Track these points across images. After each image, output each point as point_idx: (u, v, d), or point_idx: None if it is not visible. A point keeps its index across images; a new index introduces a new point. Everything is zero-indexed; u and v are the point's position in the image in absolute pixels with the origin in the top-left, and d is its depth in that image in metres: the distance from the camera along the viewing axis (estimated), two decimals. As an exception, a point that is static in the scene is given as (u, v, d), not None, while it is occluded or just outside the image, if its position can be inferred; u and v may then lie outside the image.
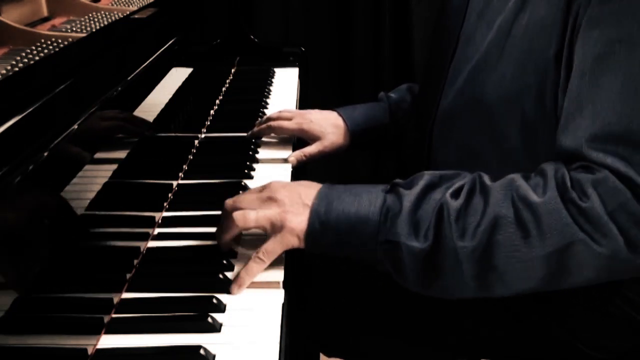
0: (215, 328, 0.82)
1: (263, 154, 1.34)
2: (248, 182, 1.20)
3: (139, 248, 0.97)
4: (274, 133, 1.39)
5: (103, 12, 1.25)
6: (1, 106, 0.70)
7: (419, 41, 2.43)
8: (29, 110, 0.72)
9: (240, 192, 1.14)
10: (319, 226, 0.93)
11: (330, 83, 2.55)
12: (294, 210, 0.94)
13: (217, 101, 1.60)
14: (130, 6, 1.36)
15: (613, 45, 0.90)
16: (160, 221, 1.07)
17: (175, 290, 0.89)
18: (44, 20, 1.20)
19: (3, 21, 1.01)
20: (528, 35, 1.00)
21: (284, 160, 1.31)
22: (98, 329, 0.82)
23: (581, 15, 0.93)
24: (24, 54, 0.92)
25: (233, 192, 1.12)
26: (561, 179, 0.89)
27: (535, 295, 1.01)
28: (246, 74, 1.83)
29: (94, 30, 1.13)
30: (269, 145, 1.38)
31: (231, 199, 0.99)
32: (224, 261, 0.95)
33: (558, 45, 0.97)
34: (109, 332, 0.82)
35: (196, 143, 1.36)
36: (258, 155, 1.33)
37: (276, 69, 1.87)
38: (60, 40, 1.01)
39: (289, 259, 0.97)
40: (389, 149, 1.49)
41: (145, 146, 1.13)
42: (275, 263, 0.94)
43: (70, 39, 1.02)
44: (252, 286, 0.91)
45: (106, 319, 0.84)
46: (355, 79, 2.54)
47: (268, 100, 1.64)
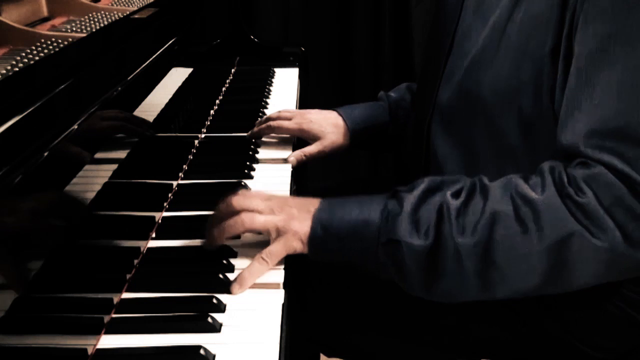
0: (215, 328, 0.82)
1: (263, 154, 1.34)
2: (248, 182, 1.20)
3: (139, 248, 0.97)
4: (274, 133, 1.39)
5: (103, 12, 1.25)
6: (1, 106, 0.70)
7: (419, 41, 2.43)
8: (29, 110, 0.72)
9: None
10: (321, 231, 0.94)
11: (330, 83, 2.54)
12: (299, 217, 0.95)
13: (217, 101, 1.60)
14: (130, 6, 1.36)
15: (609, 41, 0.90)
16: (160, 221, 1.07)
17: (175, 290, 0.89)
18: (44, 20, 1.19)
19: (3, 21, 1.01)
20: (523, 32, 1.00)
21: (284, 160, 1.31)
22: (98, 329, 0.82)
23: (578, 11, 0.93)
24: (24, 54, 0.92)
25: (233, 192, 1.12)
26: (558, 176, 0.89)
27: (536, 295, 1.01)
28: (246, 74, 1.83)
29: (94, 30, 1.13)
30: (269, 145, 1.38)
31: (240, 198, 0.98)
32: (224, 261, 0.95)
33: (554, 41, 0.97)
34: (109, 332, 0.82)
35: (196, 143, 1.36)
36: (258, 155, 1.33)
37: (276, 69, 1.87)
38: (60, 40, 1.01)
39: (289, 259, 0.97)
40: (389, 149, 1.49)
41: (145, 146, 1.13)
42: (276, 264, 0.94)
43: (70, 39, 1.02)
44: (252, 287, 0.91)
45: (106, 319, 0.84)
46: (355, 79, 2.54)
47: (268, 100, 1.64)
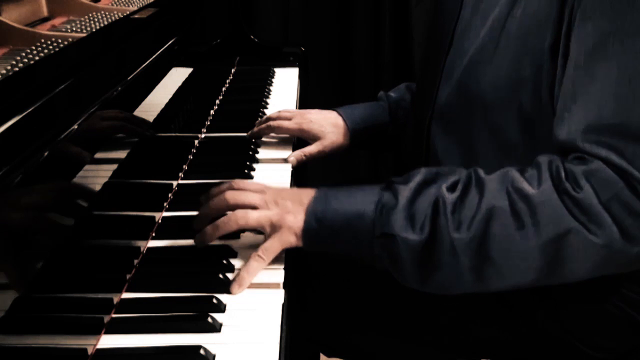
0: (215, 328, 0.82)
1: (263, 154, 1.34)
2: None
3: (139, 248, 0.97)
4: (274, 133, 1.39)
5: (103, 12, 1.25)
6: (1, 106, 0.70)
7: (419, 41, 2.43)
8: (29, 110, 0.72)
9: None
10: (316, 224, 0.94)
11: (330, 83, 2.54)
12: (293, 211, 0.95)
13: (217, 101, 1.60)
14: (130, 6, 1.36)
15: (607, 37, 0.90)
16: (160, 221, 1.07)
17: (175, 290, 0.89)
18: (44, 20, 1.19)
19: (3, 21, 1.01)
20: (523, 29, 1.00)
21: (284, 160, 1.31)
22: (98, 329, 0.82)
23: (576, 7, 0.93)
24: (24, 54, 0.92)
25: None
26: (555, 170, 0.89)
27: (536, 294, 1.01)
28: (246, 74, 1.83)
29: (94, 30, 1.13)
30: (269, 145, 1.38)
31: (235, 193, 0.98)
32: (224, 261, 0.95)
33: (553, 37, 0.97)
34: (109, 332, 0.82)
35: (196, 143, 1.36)
36: (258, 155, 1.33)
37: (276, 69, 1.87)
38: (60, 40, 1.01)
39: (289, 259, 0.97)
40: (388, 148, 1.49)
41: (145, 146, 1.13)
42: (275, 264, 0.95)
43: (70, 39, 1.02)
44: (252, 287, 0.91)
45: (106, 319, 0.84)
46: (355, 79, 2.54)
47: (268, 100, 1.64)
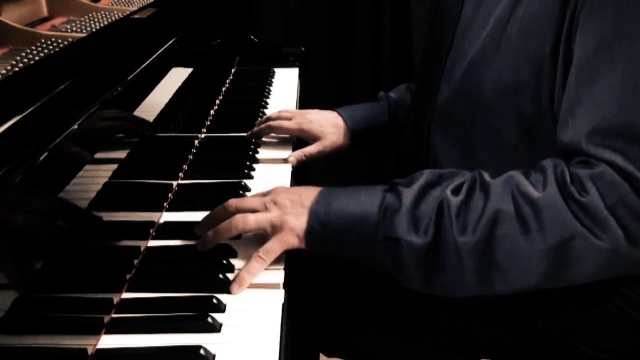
0: (215, 328, 0.82)
1: (263, 154, 1.34)
2: (248, 182, 1.20)
3: (139, 248, 0.97)
4: (274, 133, 1.39)
5: (103, 12, 1.25)
6: (1, 106, 0.70)
7: (419, 41, 2.43)
8: (29, 110, 0.72)
9: (240, 192, 1.15)
10: (319, 226, 0.94)
11: (330, 83, 2.55)
12: (294, 212, 0.95)
13: (217, 101, 1.60)
14: (130, 6, 1.36)
15: (611, 40, 0.90)
16: (160, 221, 1.07)
17: (175, 290, 0.89)
18: (44, 20, 1.19)
19: (3, 21, 1.01)
20: (524, 31, 1.00)
21: (284, 160, 1.31)
22: (98, 329, 0.82)
23: (579, 10, 0.93)
24: (24, 54, 0.92)
25: (233, 192, 1.12)
26: (560, 174, 0.89)
27: (536, 295, 1.01)
28: (246, 74, 1.83)
29: (94, 30, 1.13)
30: (269, 145, 1.38)
31: (234, 200, 0.99)
32: (224, 261, 0.95)
33: (554, 40, 0.97)
34: (109, 332, 0.82)
35: (196, 143, 1.36)
36: (258, 155, 1.33)
37: (276, 69, 1.87)
38: (60, 40, 1.01)
39: (289, 259, 0.97)
40: (388, 149, 1.49)
41: (145, 146, 1.13)
42: (275, 264, 0.94)
43: (70, 39, 1.02)
44: (252, 287, 0.91)
45: (106, 319, 0.84)
46: (355, 79, 2.54)
47: (268, 100, 1.64)
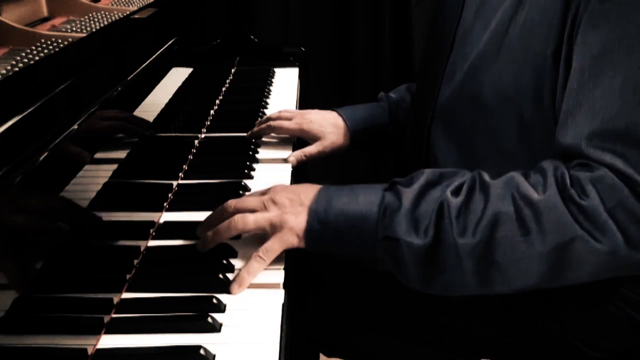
0: (215, 328, 0.82)
1: (263, 154, 1.34)
2: (248, 182, 1.20)
3: (139, 248, 0.97)
4: (274, 133, 1.39)
5: (103, 12, 1.25)
6: (1, 106, 0.70)
7: (419, 41, 2.43)
8: (29, 110, 0.72)
9: (240, 192, 1.15)
10: (318, 225, 0.93)
11: (330, 83, 2.54)
12: (293, 211, 0.95)
13: (217, 101, 1.60)
14: (130, 6, 1.36)
15: (613, 44, 0.90)
16: (160, 221, 1.07)
17: (175, 290, 0.89)
18: (44, 20, 1.19)
19: (3, 21, 1.01)
20: (525, 34, 1.00)
21: (284, 160, 1.31)
22: (98, 329, 0.82)
23: (580, 14, 0.93)
24: (24, 54, 0.92)
25: (233, 192, 1.12)
26: (560, 177, 0.89)
27: (536, 294, 1.01)
28: (246, 74, 1.83)
29: (94, 30, 1.13)
30: (269, 145, 1.38)
31: (233, 200, 0.99)
32: (224, 261, 0.95)
33: (556, 43, 0.97)
34: (109, 332, 0.82)
35: (196, 143, 1.36)
36: (258, 155, 1.33)
37: (276, 69, 1.87)
38: (60, 40, 1.01)
39: (289, 259, 0.97)
40: (388, 149, 1.49)
41: (145, 146, 1.13)
42: (275, 264, 0.94)
43: (70, 39, 1.02)
44: (252, 287, 0.91)
45: (106, 319, 0.84)
46: (355, 79, 2.54)
47: (268, 100, 1.64)
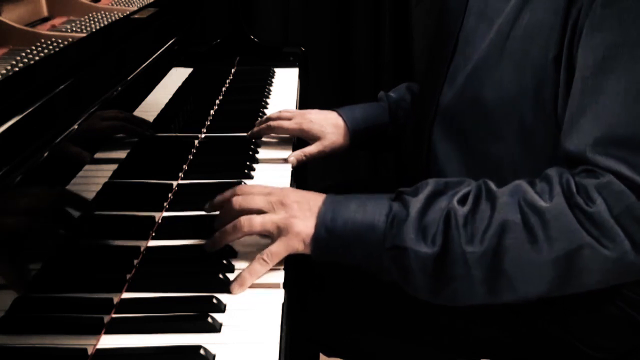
0: (215, 328, 0.82)
1: (263, 154, 1.34)
2: (248, 182, 1.20)
3: (139, 248, 0.97)
4: (274, 133, 1.39)
5: (103, 12, 1.25)
6: (1, 106, 0.70)
7: (419, 41, 2.43)
8: (29, 110, 0.72)
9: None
10: (325, 233, 0.93)
11: (330, 83, 2.54)
12: (301, 216, 0.94)
13: (217, 101, 1.60)
14: (130, 6, 1.36)
15: (616, 49, 0.90)
16: (160, 221, 1.07)
17: (175, 290, 0.89)
18: (44, 20, 1.19)
19: (3, 21, 1.01)
20: (527, 37, 1.00)
21: (284, 160, 1.31)
22: (98, 329, 0.82)
23: (582, 19, 0.93)
24: (24, 54, 0.92)
25: (233, 192, 1.12)
26: (566, 184, 0.89)
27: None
28: (246, 74, 1.83)
29: (94, 30, 1.13)
30: (269, 145, 1.38)
31: (239, 198, 0.98)
32: (224, 261, 0.95)
33: (557, 48, 0.97)
34: (109, 332, 0.82)
35: (196, 143, 1.36)
36: (258, 155, 1.33)
37: (276, 69, 1.87)
38: (60, 40, 1.01)
39: (289, 259, 0.96)
40: (388, 149, 1.49)
41: (145, 146, 1.13)
42: (275, 264, 0.94)
43: (70, 39, 1.02)
44: (252, 286, 0.91)
45: (106, 319, 0.84)
46: (355, 79, 2.54)
47: (268, 100, 1.64)
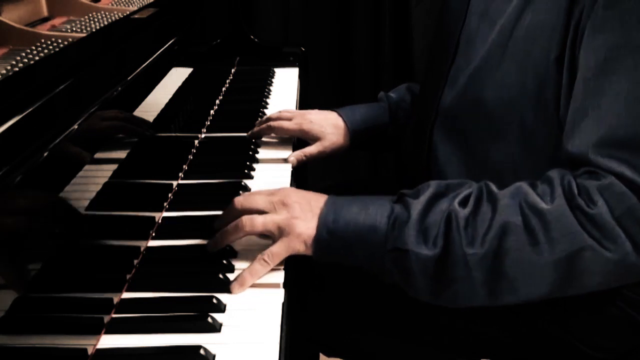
0: (215, 328, 0.82)
1: (263, 154, 1.34)
2: (248, 182, 1.20)
3: (139, 248, 0.97)
4: (274, 133, 1.39)
5: (103, 12, 1.25)
6: (1, 106, 0.70)
7: (419, 41, 2.43)
8: (29, 110, 0.72)
9: (240, 192, 1.14)
10: (327, 235, 0.93)
11: (330, 83, 2.54)
12: (302, 217, 0.94)
13: (217, 101, 1.60)
14: (130, 6, 1.36)
15: (618, 51, 0.90)
16: (160, 221, 1.07)
17: (175, 290, 0.89)
18: (44, 20, 1.19)
19: (3, 21, 1.01)
20: (529, 38, 1.00)
21: (284, 160, 1.31)
22: (98, 329, 0.82)
23: (584, 20, 0.93)
24: (24, 54, 0.92)
25: (233, 192, 1.12)
26: (568, 185, 0.89)
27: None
28: (246, 74, 1.83)
29: (94, 30, 1.13)
30: (269, 145, 1.38)
31: (241, 198, 0.99)
32: (224, 261, 0.95)
33: (559, 49, 0.97)
34: (109, 332, 0.82)
35: (196, 143, 1.36)
36: (258, 155, 1.33)
37: (276, 69, 1.87)
38: (60, 40, 1.01)
39: (289, 259, 0.96)
40: (388, 149, 1.49)
41: (145, 146, 1.13)
42: (276, 264, 0.94)
43: (70, 39, 1.02)
44: (252, 286, 0.91)
45: (106, 319, 0.84)
46: (355, 79, 2.54)
47: (268, 100, 1.64)
